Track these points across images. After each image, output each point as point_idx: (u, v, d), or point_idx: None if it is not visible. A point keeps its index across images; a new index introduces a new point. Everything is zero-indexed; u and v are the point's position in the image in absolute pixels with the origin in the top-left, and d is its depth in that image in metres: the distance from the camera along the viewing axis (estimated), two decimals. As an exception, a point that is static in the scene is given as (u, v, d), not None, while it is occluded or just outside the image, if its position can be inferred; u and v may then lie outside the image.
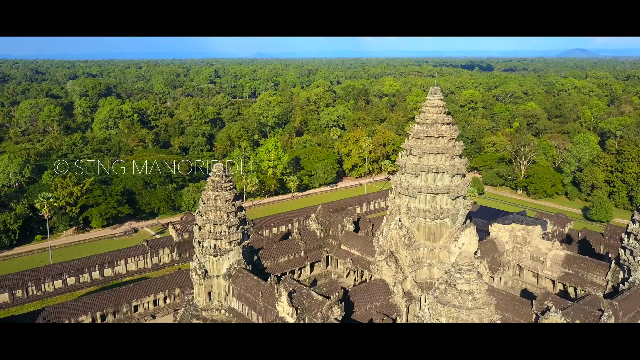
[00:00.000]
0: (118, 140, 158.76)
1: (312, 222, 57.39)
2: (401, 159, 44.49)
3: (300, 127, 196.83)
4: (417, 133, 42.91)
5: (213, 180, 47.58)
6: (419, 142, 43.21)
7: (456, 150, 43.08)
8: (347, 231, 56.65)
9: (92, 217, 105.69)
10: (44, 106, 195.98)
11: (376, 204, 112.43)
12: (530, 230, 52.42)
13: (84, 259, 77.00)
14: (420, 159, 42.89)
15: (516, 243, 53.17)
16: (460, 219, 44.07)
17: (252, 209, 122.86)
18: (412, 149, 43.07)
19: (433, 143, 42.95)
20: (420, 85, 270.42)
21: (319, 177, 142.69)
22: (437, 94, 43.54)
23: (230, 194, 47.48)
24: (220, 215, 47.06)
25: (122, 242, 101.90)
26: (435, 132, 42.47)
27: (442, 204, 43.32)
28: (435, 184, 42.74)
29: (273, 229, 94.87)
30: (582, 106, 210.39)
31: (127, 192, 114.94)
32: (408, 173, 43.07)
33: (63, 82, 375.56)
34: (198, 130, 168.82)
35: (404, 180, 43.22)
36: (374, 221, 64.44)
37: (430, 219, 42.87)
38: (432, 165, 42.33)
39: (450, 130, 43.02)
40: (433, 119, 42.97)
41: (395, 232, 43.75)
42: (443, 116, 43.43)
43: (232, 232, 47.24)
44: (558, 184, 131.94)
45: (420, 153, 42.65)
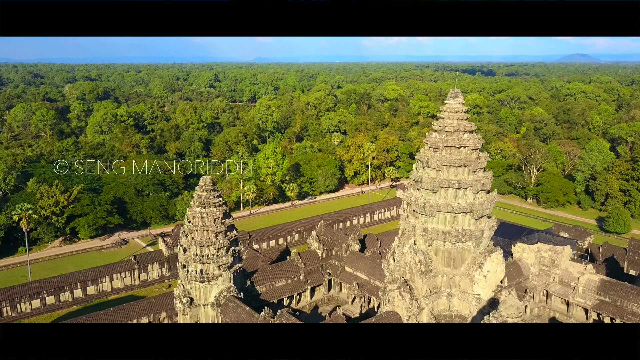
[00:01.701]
0: (111, 146, 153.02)
1: (312, 241, 51.37)
2: (416, 172, 38.49)
3: (301, 132, 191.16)
4: (435, 142, 36.99)
5: (200, 196, 41.62)
6: (437, 152, 37.26)
7: (480, 163, 37.15)
8: (353, 251, 50.61)
9: (79, 227, 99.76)
10: (37, 110, 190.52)
11: (380, 214, 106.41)
12: (558, 251, 46.55)
13: (65, 276, 70.92)
14: (439, 173, 36.93)
15: (543, 265, 47.26)
16: (484, 242, 38.07)
17: (250, 219, 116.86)
18: (429, 160, 37.11)
19: (454, 154, 37.01)
20: (423, 89, 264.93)
21: (319, 184, 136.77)
22: (458, 97, 37.69)
23: (219, 211, 41.48)
24: (208, 235, 41.07)
25: (110, 254, 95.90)
26: (457, 141, 36.54)
27: (465, 224, 37.31)
28: (456, 201, 36.77)
29: (271, 242, 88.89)
30: (590, 111, 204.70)
31: (117, 201, 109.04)
32: (425, 189, 37.07)
33: (61, 85, 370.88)
34: (194, 135, 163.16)
35: (420, 197, 37.21)
36: (381, 238, 58.43)
37: (451, 242, 36.85)
38: (452, 179, 36.37)
39: (473, 140, 37.12)
40: (453, 126, 37.05)
41: (410, 257, 37.74)
42: (465, 123, 37.56)
43: (222, 255, 41.19)
44: (570, 193, 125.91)
45: (439, 165, 36.70)
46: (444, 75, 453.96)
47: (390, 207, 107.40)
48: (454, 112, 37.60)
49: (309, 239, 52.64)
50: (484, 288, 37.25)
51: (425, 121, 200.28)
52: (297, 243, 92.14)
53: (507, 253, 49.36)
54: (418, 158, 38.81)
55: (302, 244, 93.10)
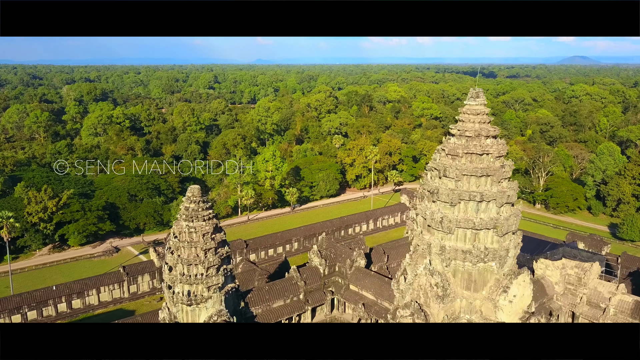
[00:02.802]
0: (105, 148, 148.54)
1: (313, 256, 46.66)
2: (431, 182, 33.94)
3: (301, 135, 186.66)
4: (453, 149, 32.47)
5: (187, 208, 37.04)
6: (456, 160, 32.72)
7: (505, 172, 32.61)
8: (358, 267, 45.90)
9: (68, 234, 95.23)
10: (31, 111, 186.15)
11: (384, 221, 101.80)
12: (585, 268, 42.04)
13: (48, 289, 66.32)
14: (458, 183, 32.40)
15: (568, 284, 42.76)
16: (509, 262, 33.51)
17: (247, 225, 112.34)
18: (446, 169, 32.56)
19: (475, 162, 32.47)
20: (425, 91, 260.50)
21: (320, 188, 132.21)
22: (480, 97, 33.18)
23: (209, 225, 36.90)
24: (196, 253, 36.49)
25: (101, 263, 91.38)
26: (479, 147, 32.02)
27: (487, 242, 32.75)
28: (478, 216, 32.24)
29: (269, 251, 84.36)
30: (596, 113, 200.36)
31: (109, 206, 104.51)
32: (442, 201, 32.53)
33: (60, 87, 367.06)
34: (192, 138, 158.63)
35: (437, 211, 32.68)
36: (389, 251, 53.73)
37: (472, 263, 32.29)
38: (474, 191, 31.84)
39: (497, 146, 32.60)
40: (475, 131, 32.53)
41: (425, 279, 33.19)
42: (488, 127, 33.06)
43: (212, 275, 36.59)
44: (580, 198, 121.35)
45: (458, 175, 32.17)
46: (445, 77, 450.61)
47: (394, 213, 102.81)
48: (475, 114, 33.08)
49: (309, 253, 47.93)
50: (509, 314, 32.73)
51: (428, 123, 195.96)
52: (297, 252, 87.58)
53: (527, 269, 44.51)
54: (433, 166, 34.27)
55: (302, 253, 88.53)
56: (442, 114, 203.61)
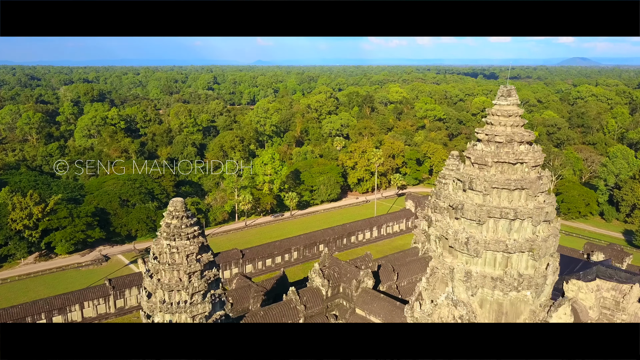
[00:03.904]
0: (99, 151, 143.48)
1: (314, 276, 41.35)
2: (454, 196, 28.86)
3: (301, 137, 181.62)
4: (481, 157, 27.40)
5: (168, 225, 31.96)
6: (484, 170, 27.65)
7: (543, 184, 27.57)
8: (365, 289, 40.72)
9: (55, 242, 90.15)
10: (24, 112, 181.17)
11: (389, 228, 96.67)
12: (624, 291, 37.10)
13: (26, 305, 61.17)
14: (487, 198, 27.33)
15: (604, 309, 37.78)
16: (547, 290, 28.48)
17: (245, 232, 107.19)
18: (473, 181, 27.48)
19: (507, 172, 27.41)
20: (427, 92, 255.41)
21: (321, 192, 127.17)
22: (512, 96, 28.13)
23: (194, 244, 31.81)
24: (179, 277, 31.41)
25: (89, 273, 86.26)
26: (512, 155, 26.97)
27: (521, 267, 27.69)
28: (510, 236, 27.15)
29: (267, 261, 79.26)
30: (604, 114, 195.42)
31: (99, 212, 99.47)
32: (467, 219, 27.43)
33: (57, 88, 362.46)
34: (188, 140, 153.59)
35: (461, 231, 27.59)
36: (399, 268, 48.52)
37: (502, 291, 27.23)
38: (506, 207, 26.78)
39: (533, 153, 27.54)
40: (506, 135, 27.46)
41: (447, 310, 28.14)
42: (521, 131, 28.01)
43: (197, 303, 31.47)
44: (592, 203, 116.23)
45: (486, 188, 27.11)
46: (446, 78, 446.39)
47: (399, 220, 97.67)
48: (506, 116, 28.00)
49: (310, 272, 42.68)
50: (547, 352, 27.60)
51: (432, 125, 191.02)
52: (297, 262, 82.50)
53: (556, 291, 39.29)
54: (456, 177, 29.20)
55: (302, 263, 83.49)
56: (445, 115, 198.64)
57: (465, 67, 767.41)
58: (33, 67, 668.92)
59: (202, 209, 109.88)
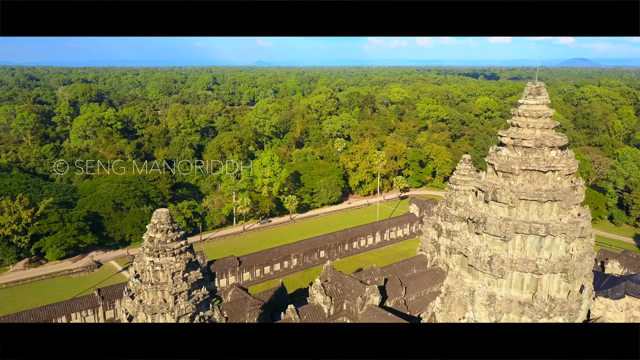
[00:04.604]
0: (94, 152, 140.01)
1: (316, 292, 37.74)
2: (474, 208, 25.39)
3: (301, 138, 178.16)
4: (507, 163, 23.95)
5: (151, 239, 28.47)
6: (509, 179, 24.17)
7: (577, 196, 24.13)
8: (371, 306, 37.17)
9: (45, 248, 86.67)
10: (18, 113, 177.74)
11: (392, 233, 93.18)
12: (657, 309, 33.71)
13: (8, 318, 57.58)
14: (513, 211, 23.85)
15: (635, 329, 34.41)
16: (581, 316, 24.99)
17: (243, 236, 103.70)
18: (497, 192, 24.05)
19: (537, 182, 23.94)
20: (429, 92, 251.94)
21: (321, 195, 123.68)
22: (542, 94, 24.70)
23: (180, 261, 28.35)
24: (163, 297, 27.97)
25: (79, 280, 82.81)
26: (543, 162, 23.53)
27: (552, 290, 24.24)
28: (540, 255, 23.66)
29: (265, 268, 75.78)
30: (610, 115, 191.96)
31: (92, 216, 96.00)
32: (490, 234, 23.91)
33: (56, 88, 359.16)
34: (185, 141, 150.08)
35: (483, 248, 24.11)
36: (406, 281, 44.81)
37: (532, 318, 23.69)
38: (536, 222, 23.33)
39: (566, 160, 24.09)
40: (536, 139, 24.00)
41: (467, 339, 24.44)
42: (553, 134, 24.58)
43: (183, 327, 27.77)
44: (602, 207, 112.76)
45: (513, 200, 23.66)
46: (447, 78, 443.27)
47: (403, 224, 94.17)
48: (535, 117, 24.54)
49: (310, 288, 39.13)
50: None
51: (435, 126, 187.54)
52: (296, 269, 79.02)
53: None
54: (477, 187, 25.73)
55: (302, 270, 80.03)
56: (448, 116, 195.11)
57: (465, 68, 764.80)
58: (32, 68, 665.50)
59: (199, 213, 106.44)
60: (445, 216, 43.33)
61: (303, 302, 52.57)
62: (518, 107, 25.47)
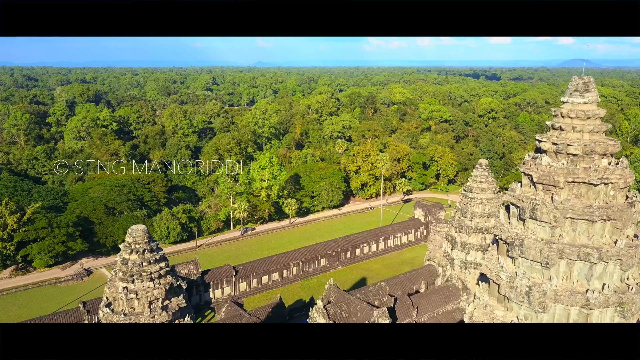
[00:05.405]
0: (87, 154, 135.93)
1: (317, 315, 33.41)
2: (507, 227, 21.26)
3: (301, 139, 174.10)
4: (549, 174, 19.82)
5: (125, 261, 24.34)
6: (550, 193, 19.97)
7: (636, 214, 19.93)
8: (379, 332, 33.60)
9: (32, 255, 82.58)
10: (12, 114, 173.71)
11: (396, 239, 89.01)
12: None
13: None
14: (556, 231, 19.65)
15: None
16: None
17: (240, 242, 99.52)
18: (536, 208, 19.92)
19: (586, 197, 19.80)
20: (431, 92, 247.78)
21: (322, 199, 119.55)
22: (591, 91, 20.65)
23: (159, 286, 24.22)
24: (138, 330, 23.48)
25: (67, 289, 78.66)
26: (594, 173, 19.33)
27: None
28: (591, 285, 19.51)
29: (263, 278, 71.62)
30: (617, 115, 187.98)
31: (83, 221, 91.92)
32: (528, 259, 19.74)
33: (54, 88, 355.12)
34: (182, 142, 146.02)
35: (520, 276, 19.97)
36: (418, 300, 40.43)
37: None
38: (586, 246, 19.16)
39: (622, 170, 19.93)
40: (585, 145, 19.85)
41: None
42: (604, 139, 20.48)
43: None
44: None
45: (557, 218, 19.52)
46: (448, 79, 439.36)
47: (407, 230, 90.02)
48: (583, 118, 20.44)
49: (312, 310, 34.85)
50: None
51: (438, 127, 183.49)
52: (296, 278, 74.85)
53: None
54: (510, 201, 21.58)
55: (302, 279, 75.88)
56: (452, 117, 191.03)
57: (466, 69, 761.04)
58: (31, 68, 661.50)
59: (195, 217, 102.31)
60: (460, 227, 39.27)
61: (303, 319, 48.33)
62: (561, 107, 21.36)
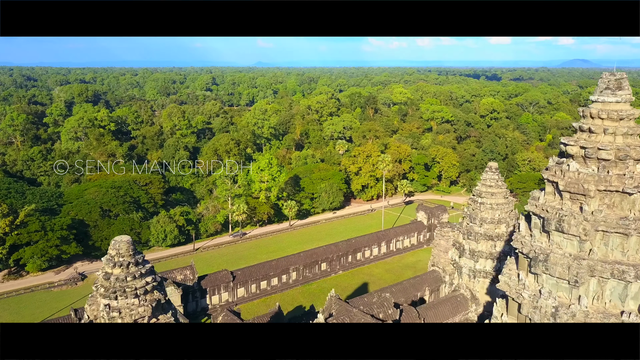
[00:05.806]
0: (83, 155, 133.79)
1: (318, 330, 32.12)
2: (529, 240, 19.15)
3: (301, 140, 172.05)
4: (577, 182, 17.70)
5: (107, 275, 22.24)
6: (577, 202, 17.84)
7: (674, 226, 17.71)
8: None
9: (25, 259, 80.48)
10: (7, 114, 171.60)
11: (399, 243, 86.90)
12: None
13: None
14: (586, 246, 17.52)
15: None
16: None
17: (238, 245, 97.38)
18: (563, 219, 17.75)
19: (619, 207, 17.69)
20: (432, 92, 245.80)
21: (322, 200, 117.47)
22: (624, 89, 18.67)
23: (144, 303, 22.14)
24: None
25: (60, 294, 76.52)
26: (630, 181, 17.21)
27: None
28: (625, 306, 17.38)
29: (262, 283, 69.51)
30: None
31: (78, 224, 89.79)
32: (554, 276, 17.56)
33: (52, 89, 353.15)
34: (180, 143, 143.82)
35: (544, 295, 17.85)
36: (424, 312, 38.00)
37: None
38: (621, 262, 17.00)
39: (659, 177, 17.70)
40: (618, 150, 17.78)
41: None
42: (639, 142, 18.25)
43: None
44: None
45: (587, 231, 17.41)
46: (448, 79, 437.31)
47: (410, 233, 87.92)
48: (615, 119, 18.31)
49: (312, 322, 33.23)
50: None
51: (440, 127, 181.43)
52: (296, 283, 72.75)
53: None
54: (532, 210, 19.45)
55: (302, 285, 73.76)
56: (453, 117, 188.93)
57: (466, 69, 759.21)
58: (31, 68, 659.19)
59: (193, 220, 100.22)
60: (469, 234, 37.18)
61: (303, 329, 45.98)
62: (590, 107, 19.23)
